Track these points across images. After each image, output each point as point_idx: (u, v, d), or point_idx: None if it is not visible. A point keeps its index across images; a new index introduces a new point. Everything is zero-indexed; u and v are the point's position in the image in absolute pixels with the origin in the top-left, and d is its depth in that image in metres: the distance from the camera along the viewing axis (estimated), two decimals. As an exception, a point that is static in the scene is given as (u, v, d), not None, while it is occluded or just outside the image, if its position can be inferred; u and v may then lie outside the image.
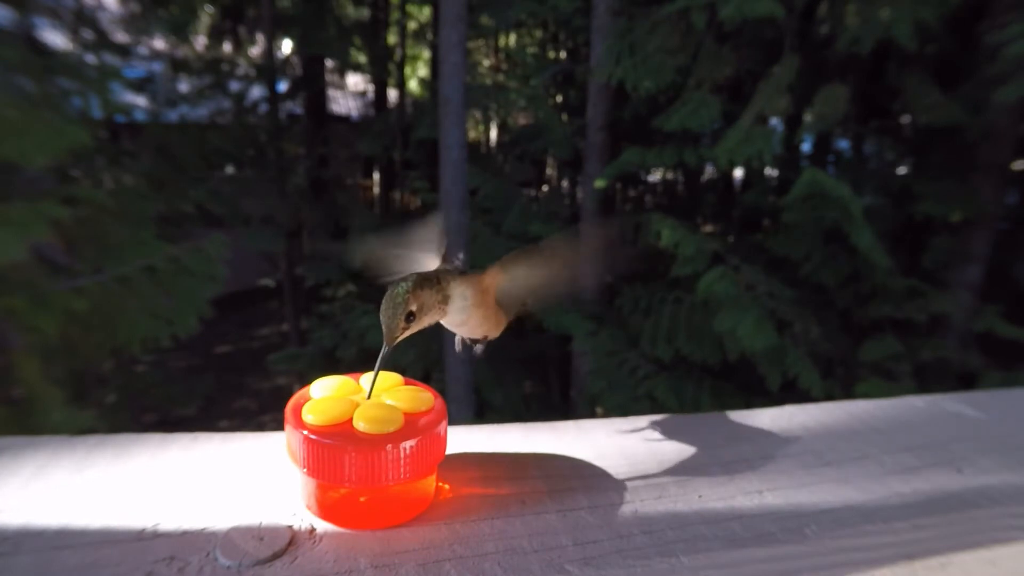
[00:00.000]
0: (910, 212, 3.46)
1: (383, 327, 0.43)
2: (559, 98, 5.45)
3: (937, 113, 3.10)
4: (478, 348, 0.54)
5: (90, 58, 3.64)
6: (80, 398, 2.86)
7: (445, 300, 0.46)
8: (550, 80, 4.95)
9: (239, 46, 6.01)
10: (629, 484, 0.47)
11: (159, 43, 4.90)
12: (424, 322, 0.45)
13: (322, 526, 0.39)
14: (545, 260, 0.51)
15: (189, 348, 5.97)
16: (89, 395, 3.14)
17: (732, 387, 3.36)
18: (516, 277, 0.50)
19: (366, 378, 0.45)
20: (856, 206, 2.72)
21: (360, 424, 0.39)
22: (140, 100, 4.57)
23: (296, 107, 6.24)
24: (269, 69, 5.21)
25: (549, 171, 7.93)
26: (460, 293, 0.47)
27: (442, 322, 0.48)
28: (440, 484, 0.45)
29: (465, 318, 0.49)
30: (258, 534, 0.38)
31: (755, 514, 0.44)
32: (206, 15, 5.57)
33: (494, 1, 4.82)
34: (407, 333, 0.44)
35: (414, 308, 0.43)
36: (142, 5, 4.33)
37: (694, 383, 3.36)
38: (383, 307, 0.43)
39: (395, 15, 6.98)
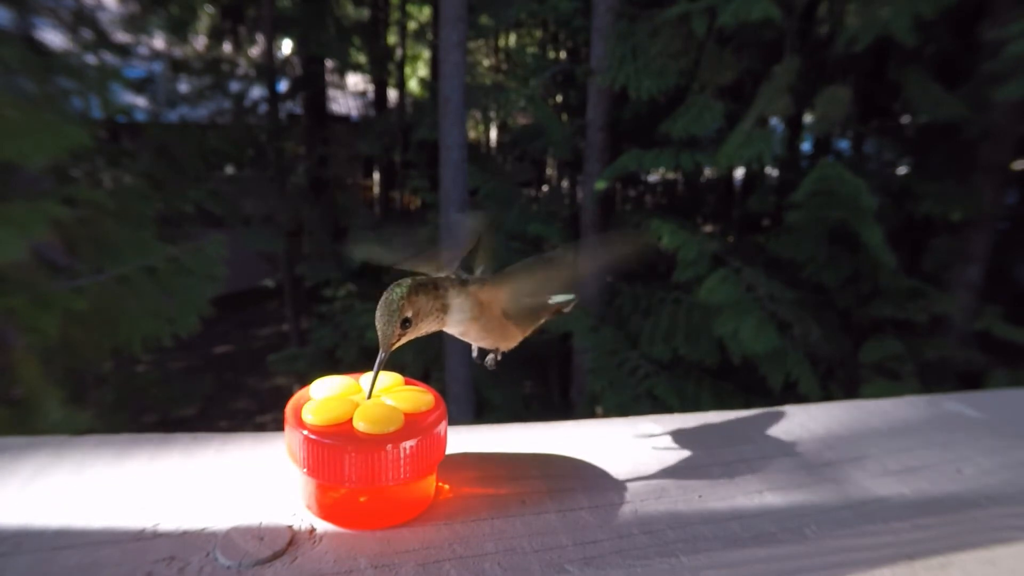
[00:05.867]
0: (910, 212, 3.46)
1: (378, 333, 0.42)
2: (559, 98, 5.44)
3: (939, 109, 3.10)
4: (489, 359, 0.53)
5: (90, 58, 3.64)
6: (79, 398, 2.86)
7: (444, 308, 0.44)
8: (550, 80, 4.95)
9: (239, 46, 6.01)
10: (629, 484, 0.47)
11: (159, 43, 4.90)
12: (422, 329, 0.44)
13: (322, 526, 0.39)
14: (548, 270, 0.50)
15: (189, 348, 5.96)
16: (89, 395, 3.14)
17: (732, 387, 3.36)
18: (519, 289, 0.49)
19: (366, 378, 0.45)
20: (868, 201, 2.71)
21: (360, 424, 0.39)
22: (140, 100, 4.57)
23: (296, 107, 6.24)
24: (269, 69, 5.21)
25: (549, 171, 7.93)
26: (459, 304, 0.45)
27: (445, 330, 0.47)
28: (440, 484, 0.45)
29: (464, 329, 0.47)
30: (258, 534, 0.38)
31: (755, 514, 0.44)
32: (206, 15, 5.57)
33: (494, 1, 4.82)
34: (404, 340, 0.43)
35: (409, 314, 0.42)
36: (142, 5, 4.33)
37: (694, 383, 3.37)
38: (378, 312, 0.42)
39: (395, 15, 6.99)
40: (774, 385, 2.95)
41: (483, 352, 0.54)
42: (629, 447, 0.53)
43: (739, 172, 5.14)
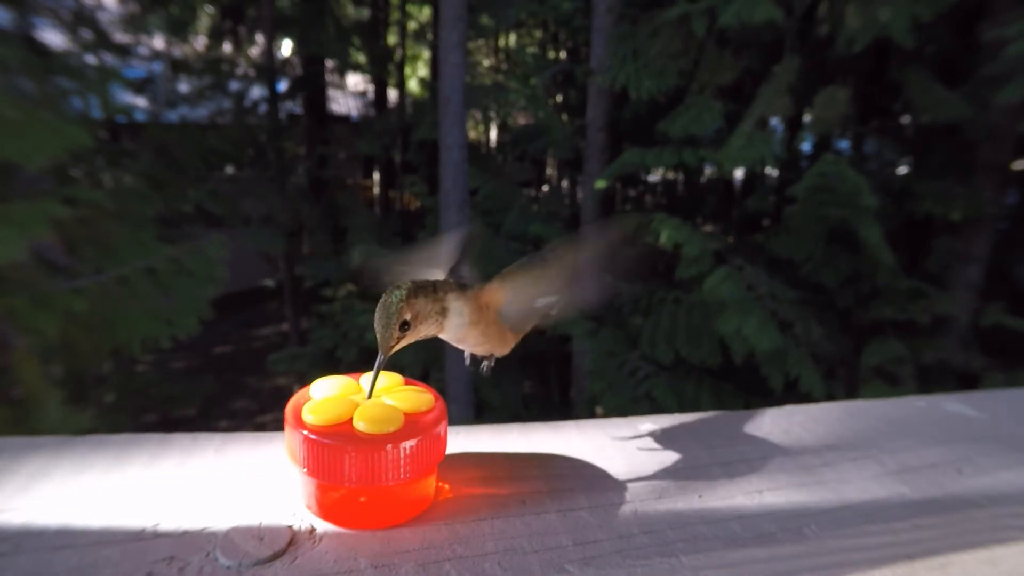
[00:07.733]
0: (910, 212, 3.46)
1: (377, 336, 0.42)
2: (559, 98, 5.45)
3: (941, 110, 3.10)
4: (484, 365, 0.52)
5: (90, 58, 3.64)
6: (79, 398, 2.85)
7: (443, 312, 0.44)
8: (550, 80, 4.95)
9: (239, 46, 6.01)
10: (629, 484, 0.47)
11: (159, 43, 4.90)
12: (421, 332, 0.44)
13: (322, 526, 0.39)
14: (546, 269, 0.48)
15: (189, 348, 5.97)
16: (89, 395, 3.14)
17: (732, 387, 3.36)
18: (518, 292, 0.48)
19: (366, 378, 0.45)
20: (868, 200, 2.71)
21: (360, 424, 0.39)
22: (140, 100, 4.57)
23: (296, 107, 6.24)
24: (269, 69, 5.21)
25: (549, 171, 7.93)
26: (458, 309, 0.45)
27: (441, 336, 0.47)
28: (440, 484, 0.45)
29: (462, 335, 0.47)
30: (258, 534, 0.38)
31: (755, 514, 0.44)
32: (206, 15, 5.57)
33: (494, 1, 4.82)
34: (403, 343, 0.43)
35: (408, 317, 0.42)
36: (142, 5, 4.33)
37: (694, 383, 3.36)
38: (377, 315, 0.42)
39: (395, 15, 6.98)
40: (775, 385, 2.95)
41: (475, 358, 0.53)
42: (629, 447, 0.53)
43: (739, 172, 5.14)
